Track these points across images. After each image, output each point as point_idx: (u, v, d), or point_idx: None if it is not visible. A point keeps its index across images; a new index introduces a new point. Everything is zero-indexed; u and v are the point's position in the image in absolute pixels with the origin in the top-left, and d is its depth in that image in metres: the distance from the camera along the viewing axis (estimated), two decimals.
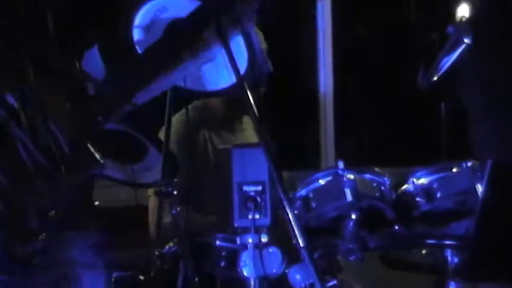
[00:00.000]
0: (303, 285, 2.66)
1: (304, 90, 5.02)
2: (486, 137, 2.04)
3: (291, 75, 4.72)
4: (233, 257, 2.81)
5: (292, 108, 4.87)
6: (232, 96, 3.01)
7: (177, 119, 3.11)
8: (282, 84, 4.46)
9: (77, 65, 1.80)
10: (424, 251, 2.98)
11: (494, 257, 1.70)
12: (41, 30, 1.73)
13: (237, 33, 1.83)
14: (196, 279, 2.76)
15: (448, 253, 2.74)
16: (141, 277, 2.87)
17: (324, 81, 4.91)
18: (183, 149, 3.28)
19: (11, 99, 1.64)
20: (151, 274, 2.85)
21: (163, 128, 2.72)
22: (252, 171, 2.74)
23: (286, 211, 1.61)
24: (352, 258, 2.76)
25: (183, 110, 3.18)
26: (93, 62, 1.83)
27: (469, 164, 2.72)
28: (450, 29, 2.17)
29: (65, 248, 1.73)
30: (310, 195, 2.82)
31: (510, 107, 1.98)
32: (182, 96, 2.74)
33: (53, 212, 1.67)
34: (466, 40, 2.10)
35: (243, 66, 1.94)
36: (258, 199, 2.72)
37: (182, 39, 1.81)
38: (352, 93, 5.02)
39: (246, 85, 1.76)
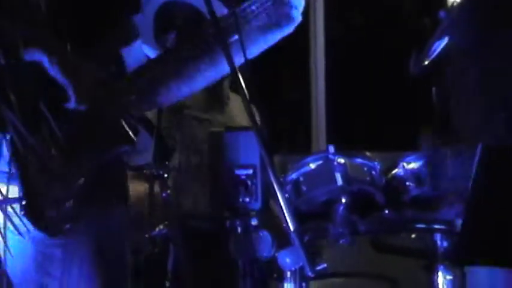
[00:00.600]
0: (292, 268, 2.67)
1: (296, 75, 5.02)
2: (475, 121, 2.04)
3: (282, 61, 4.72)
4: (223, 241, 2.82)
5: (283, 92, 4.87)
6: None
7: None
8: (274, 68, 4.46)
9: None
10: (413, 235, 3.00)
11: (483, 241, 1.71)
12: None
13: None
14: (187, 262, 2.77)
15: (438, 237, 2.75)
16: (132, 259, 2.88)
17: (315, 66, 4.91)
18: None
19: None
20: (142, 256, 2.85)
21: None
22: (243, 155, 2.74)
23: (277, 195, 1.62)
24: (342, 242, 2.78)
25: None
26: (135, 54, 1.89)
27: (460, 148, 2.74)
28: (442, 14, 2.17)
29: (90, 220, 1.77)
30: (301, 179, 2.83)
31: (499, 88, 1.99)
32: None
33: (82, 180, 1.71)
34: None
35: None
36: (249, 183, 2.73)
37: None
38: (344, 78, 5.02)
39: (237, 69, 1.76)
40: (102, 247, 1.81)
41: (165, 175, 2.80)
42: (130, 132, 1.79)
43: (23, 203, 1.68)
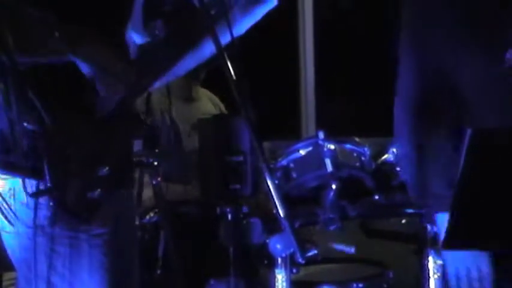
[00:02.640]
0: (283, 255, 2.67)
1: (285, 60, 5.01)
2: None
3: (271, 46, 4.71)
4: (213, 227, 2.82)
5: (272, 78, 4.86)
6: None
7: None
8: (262, 54, 4.45)
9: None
10: (403, 220, 3.00)
11: (473, 225, 1.72)
12: None
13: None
14: (176, 249, 2.77)
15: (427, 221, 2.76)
16: None
17: (304, 51, 4.91)
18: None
19: None
20: None
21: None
22: (233, 141, 2.74)
23: (267, 181, 1.62)
24: (332, 227, 2.78)
25: None
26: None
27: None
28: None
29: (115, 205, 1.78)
30: (291, 165, 2.83)
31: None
32: None
33: (107, 168, 1.71)
34: None
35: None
36: (239, 169, 2.73)
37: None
38: (333, 63, 5.02)
39: (226, 55, 1.76)
40: (119, 235, 1.82)
41: (155, 163, 2.80)
42: (142, 116, 1.80)
43: (52, 194, 1.68)
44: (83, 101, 1.73)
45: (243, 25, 1.92)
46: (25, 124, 1.65)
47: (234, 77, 1.67)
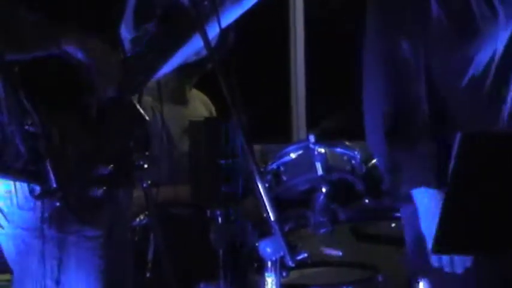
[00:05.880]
0: (273, 258, 2.67)
1: (276, 63, 5.01)
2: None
3: (261, 48, 4.71)
4: (204, 230, 2.82)
5: (263, 81, 4.86)
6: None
7: None
8: (253, 56, 4.45)
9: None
10: (393, 224, 3.01)
11: (463, 229, 1.72)
12: None
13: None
14: (166, 251, 2.77)
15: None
16: None
17: (295, 53, 4.91)
18: None
19: None
20: None
21: None
22: (224, 144, 2.74)
23: (257, 184, 1.62)
24: (322, 231, 2.78)
25: None
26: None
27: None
28: None
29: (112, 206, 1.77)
30: (281, 168, 2.83)
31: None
32: None
33: (110, 166, 1.71)
34: None
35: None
36: (230, 172, 2.72)
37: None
38: (324, 66, 5.02)
39: (216, 58, 1.76)
40: (115, 236, 1.81)
41: (145, 165, 2.79)
42: (142, 112, 1.80)
43: (60, 195, 1.67)
44: (80, 100, 1.73)
45: (232, 14, 1.93)
46: (26, 127, 1.64)
47: (225, 80, 1.67)
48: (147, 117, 1.81)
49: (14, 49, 1.64)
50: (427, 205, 2.03)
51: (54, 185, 1.65)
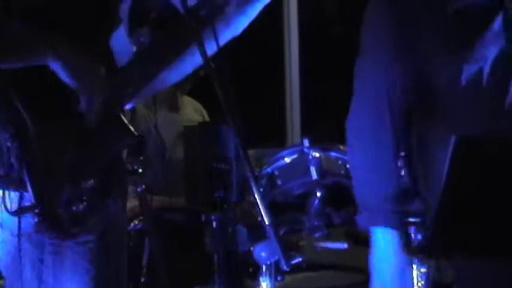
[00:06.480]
0: (268, 262, 2.67)
1: (270, 67, 5.02)
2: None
3: (256, 53, 4.72)
4: (199, 235, 2.82)
5: (258, 85, 4.87)
6: None
7: None
8: (247, 61, 4.45)
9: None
10: None
11: (458, 234, 1.72)
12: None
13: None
14: (162, 256, 2.76)
15: (412, 230, 2.76)
16: None
17: (289, 59, 4.91)
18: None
19: None
20: None
21: None
22: (218, 149, 2.74)
23: (252, 188, 1.62)
24: (317, 234, 2.78)
25: None
26: (119, 41, 1.87)
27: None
28: None
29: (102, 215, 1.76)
30: (276, 172, 2.83)
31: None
32: None
33: (92, 181, 1.70)
34: None
35: None
36: (224, 176, 2.72)
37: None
38: (318, 70, 5.03)
39: (212, 66, 1.76)
40: (107, 242, 1.80)
41: (140, 170, 2.79)
42: (129, 126, 1.79)
43: (37, 210, 1.66)
44: (67, 109, 1.72)
45: (239, 25, 1.93)
46: (8, 135, 1.63)
47: (220, 85, 1.67)
48: (133, 131, 1.80)
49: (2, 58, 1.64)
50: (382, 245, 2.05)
51: (33, 200, 1.64)
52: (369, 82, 2.07)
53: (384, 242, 2.05)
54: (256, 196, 1.61)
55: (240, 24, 1.91)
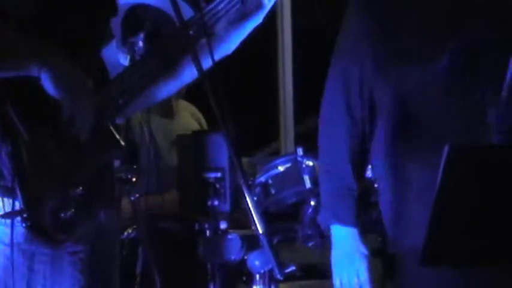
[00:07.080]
0: (262, 271, 2.67)
1: (264, 75, 5.02)
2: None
3: (250, 61, 4.72)
4: (192, 243, 2.82)
5: (251, 94, 4.87)
6: None
7: None
8: (241, 69, 4.46)
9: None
10: (380, 238, 3.01)
11: (449, 243, 1.73)
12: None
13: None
14: (155, 265, 2.76)
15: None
16: None
17: (283, 67, 4.92)
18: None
19: None
20: None
21: None
22: (212, 158, 2.74)
23: (246, 197, 1.62)
24: (310, 243, 2.78)
25: None
26: (111, 54, 1.88)
27: None
28: None
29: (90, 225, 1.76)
30: (270, 181, 2.84)
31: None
32: None
33: (80, 188, 1.70)
34: None
35: None
36: (218, 185, 2.72)
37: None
38: (312, 79, 5.03)
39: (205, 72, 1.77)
40: (97, 252, 1.80)
41: (134, 179, 2.79)
42: (119, 138, 1.78)
43: (25, 215, 1.65)
44: (56, 119, 1.72)
45: (233, 41, 1.93)
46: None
47: (214, 93, 1.67)
48: (122, 143, 1.80)
49: None
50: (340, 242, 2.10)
51: (22, 205, 1.64)
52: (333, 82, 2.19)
53: (341, 240, 2.07)
54: (249, 205, 1.61)
55: (232, 42, 1.92)
